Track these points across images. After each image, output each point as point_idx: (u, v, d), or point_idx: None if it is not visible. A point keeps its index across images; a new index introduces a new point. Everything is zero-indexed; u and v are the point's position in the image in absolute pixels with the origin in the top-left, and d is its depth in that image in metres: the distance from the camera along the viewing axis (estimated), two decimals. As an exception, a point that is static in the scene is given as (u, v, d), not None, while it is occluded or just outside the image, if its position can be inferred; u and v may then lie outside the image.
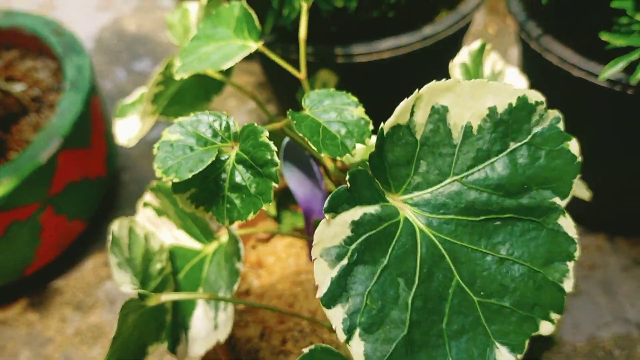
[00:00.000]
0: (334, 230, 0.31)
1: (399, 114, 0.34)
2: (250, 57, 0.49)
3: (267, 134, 0.35)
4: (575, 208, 0.75)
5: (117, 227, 0.44)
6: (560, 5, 0.67)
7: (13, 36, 0.90)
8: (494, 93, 0.34)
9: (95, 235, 0.91)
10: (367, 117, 0.38)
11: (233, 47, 0.47)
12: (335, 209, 0.31)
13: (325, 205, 0.31)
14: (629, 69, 0.59)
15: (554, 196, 0.34)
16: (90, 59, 0.85)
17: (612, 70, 0.57)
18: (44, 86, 0.85)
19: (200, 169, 0.33)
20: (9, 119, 0.81)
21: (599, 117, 0.67)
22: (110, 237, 0.43)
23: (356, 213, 0.32)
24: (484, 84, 0.34)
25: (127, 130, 0.62)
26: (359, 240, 0.32)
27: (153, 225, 0.53)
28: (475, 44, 0.50)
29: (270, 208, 0.62)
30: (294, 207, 0.63)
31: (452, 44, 0.72)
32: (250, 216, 0.34)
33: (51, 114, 0.81)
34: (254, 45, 0.47)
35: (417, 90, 0.34)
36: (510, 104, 0.34)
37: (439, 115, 0.34)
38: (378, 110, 0.76)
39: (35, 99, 0.83)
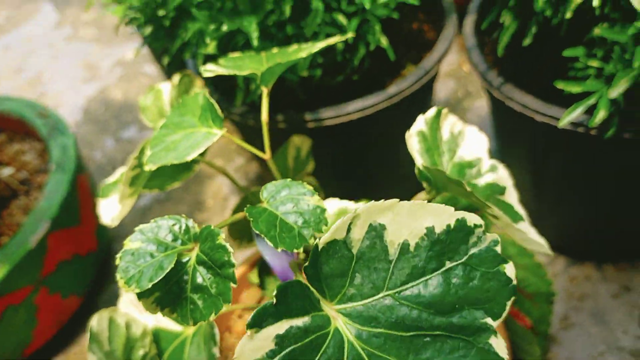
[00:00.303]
0: (256, 344, 0.32)
1: (335, 230, 0.34)
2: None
3: (223, 236, 0.36)
4: (562, 239, 0.76)
5: (95, 322, 0.45)
6: (517, 54, 0.70)
7: (0, 121, 0.93)
8: (432, 214, 0.35)
9: (92, 308, 0.92)
10: (322, 205, 0.39)
11: (198, 136, 0.50)
12: (259, 324, 0.32)
13: (249, 320, 0.32)
14: (590, 110, 0.60)
15: (486, 317, 0.34)
16: (75, 137, 0.87)
17: (571, 117, 0.59)
18: (31, 168, 0.87)
19: (160, 277, 0.35)
20: (-1, 204, 0.84)
21: (566, 157, 0.69)
22: (88, 334, 0.44)
23: (282, 327, 0.33)
24: (424, 205, 0.35)
25: (110, 209, 0.64)
26: (283, 353, 0.32)
27: (136, 307, 0.54)
28: (431, 112, 0.51)
29: (252, 276, 0.63)
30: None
31: (419, 97, 0.75)
32: (212, 317, 0.36)
33: (40, 195, 0.83)
34: (218, 132, 0.49)
35: (355, 209, 0.35)
36: (449, 225, 0.35)
37: (376, 232, 0.35)
38: (351, 166, 0.78)
39: (23, 181, 0.86)
